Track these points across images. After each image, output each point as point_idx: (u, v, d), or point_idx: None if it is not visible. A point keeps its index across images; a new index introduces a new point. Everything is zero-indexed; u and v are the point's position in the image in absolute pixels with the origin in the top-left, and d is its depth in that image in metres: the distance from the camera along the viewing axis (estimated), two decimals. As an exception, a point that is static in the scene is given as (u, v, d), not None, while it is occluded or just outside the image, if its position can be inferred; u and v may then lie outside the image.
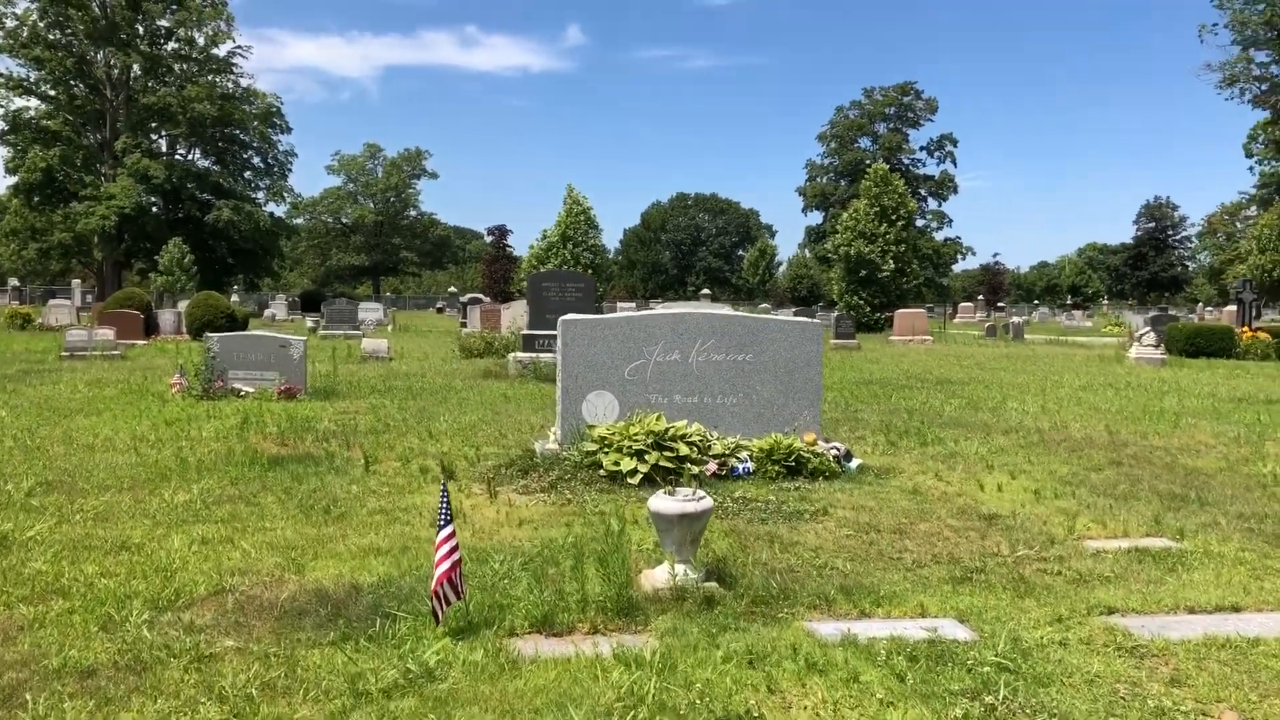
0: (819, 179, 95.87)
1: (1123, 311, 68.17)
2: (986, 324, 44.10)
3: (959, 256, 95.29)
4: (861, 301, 47.33)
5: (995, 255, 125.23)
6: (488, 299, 47.00)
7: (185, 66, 64.75)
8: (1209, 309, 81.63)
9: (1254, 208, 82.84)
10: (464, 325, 37.78)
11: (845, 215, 50.47)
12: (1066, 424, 11.43)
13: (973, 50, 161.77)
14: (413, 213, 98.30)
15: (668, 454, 7.65)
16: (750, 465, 7.87)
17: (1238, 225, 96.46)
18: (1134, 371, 20.36)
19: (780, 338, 8.49)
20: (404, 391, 14.37)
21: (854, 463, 8.28)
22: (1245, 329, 26.61)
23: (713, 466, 7.74)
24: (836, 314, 38.55)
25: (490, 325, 29.09)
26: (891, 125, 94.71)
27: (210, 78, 64.25)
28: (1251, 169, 75.92)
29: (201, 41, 64.81)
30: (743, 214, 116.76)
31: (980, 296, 79.62)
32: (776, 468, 7.85)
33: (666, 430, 7.82)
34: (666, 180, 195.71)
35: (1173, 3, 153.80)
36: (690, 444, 7.80)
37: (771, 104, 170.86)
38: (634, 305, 55.65)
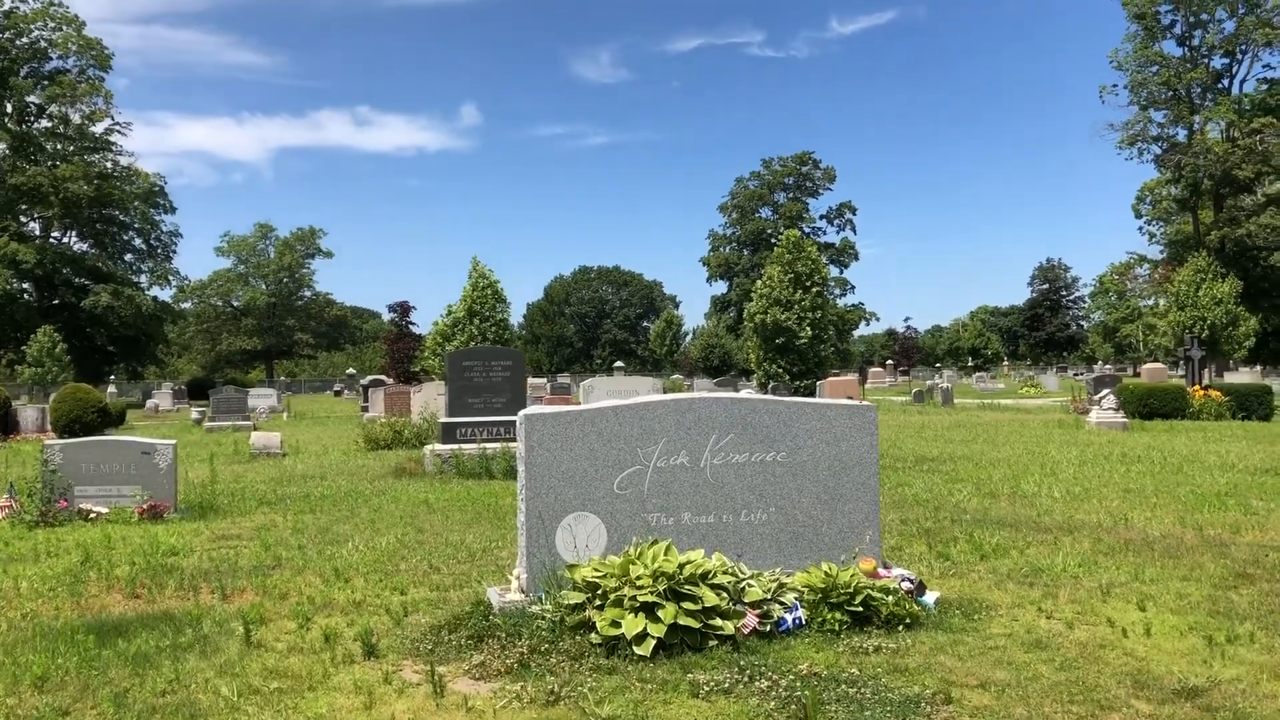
0: (722, 249, 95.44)
1: (1040, 373, 68.27)
2: (914, 389, 42.80)
3: (863, 322, 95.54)
4: (781, 370, 45.80)
5: (907, 320, 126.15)
6: (391, 380, 44.06)
7: (59, 145, 60.90)
8: (1108, 366, 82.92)
9: (1144, 266, 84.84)
10: (365, 410, 34.86)
11: (759, 283, 49.15)
12: (1126, 516, 9.42)
13: (861, 118, 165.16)
14: (307, 293, 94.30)
15: (688, 605, 5.32)
16: (801, 614, 5.58)
17: (1128, 285, 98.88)
18: (1110, 439, 18.72)
19: (821, 428, 6.27)
20: (300, 501, 11.76)
21: (931, 597, 6.06)
22: (1197, 388, 25.44)
23: (752, 620, 5.43)
24: (773, 385, 36.80)
25: (397, 410, 26.39)
26: (791, 195, 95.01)
27: (86, 156, 60.45)
28: (1140, 229, 77.88)
29: (77, 119, 61.12)
30: (646, 285, 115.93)
31: (890, 361, 79.16)
32: (837, 616, 5.58)
33: (682, 568, 5.50)
34: (568, 253, 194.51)
35: (1061, 68, 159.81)
36: (718, 589, 5.49)
37: (668, 177, 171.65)
38: (544, 382, 53.21)
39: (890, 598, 5.71)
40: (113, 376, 61.15)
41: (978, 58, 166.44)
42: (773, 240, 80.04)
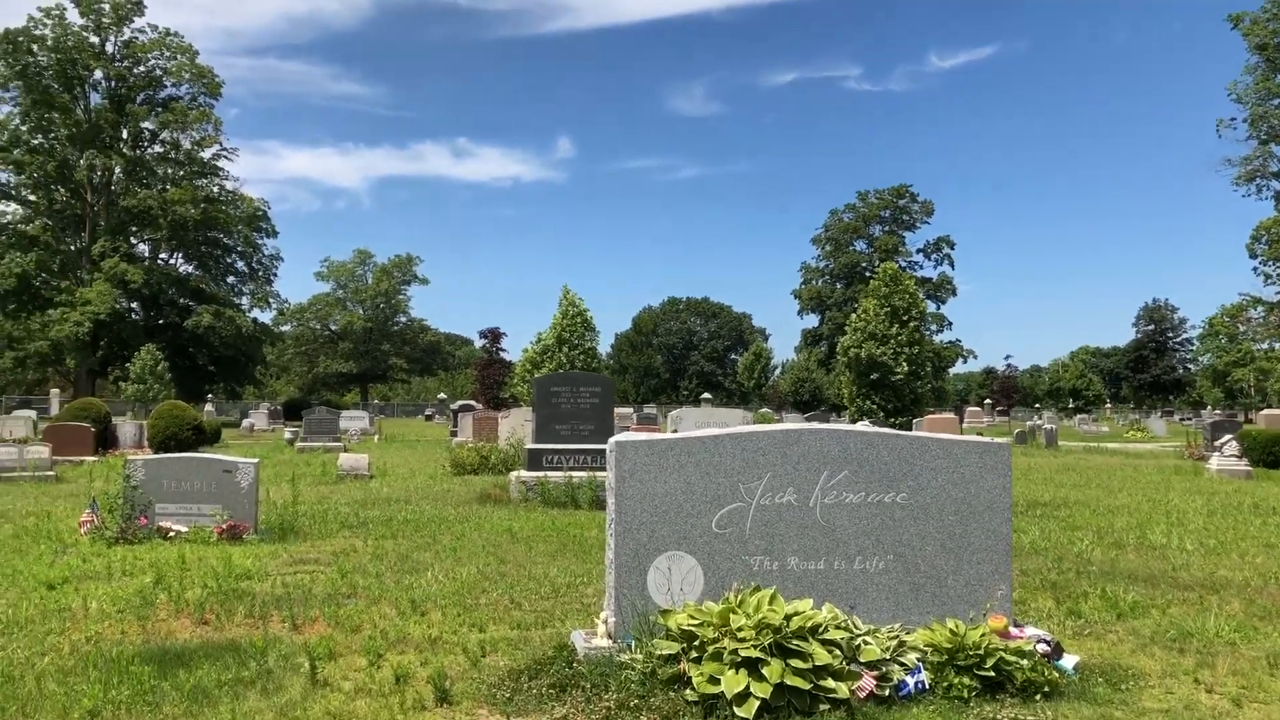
0: (814, 282, 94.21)
1: (1144, 416, 65.53)
2: (1015, 430, 41.30)
3: (960, 360, 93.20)
4: (875, 406, 44.57)
5: (1007, 358, 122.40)
6: (480, 405, 44.11)
7: (169, 169, 62.81)
8: (1217, 411, 79.28)
9: (1259, 309, 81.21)
10: (454, 434, 34.87)
11: (854, 316, 47.93)
12: (1276, 575, 8.52)
13: (960, 152, 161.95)
14: (403, 319, 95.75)
15: (795, 662, 4.72)
16: (924, 677, 4.93)
17: (1240, 327, 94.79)
18: (1236, 488, 17.49)
19: (948, 467, 5.62)
20: (382, 525, 11.40)
21: (1070, 662, 5.35)
22: (1328, 436, 23.82)
23: (869, 683, 4.80)
24: (871, 420, 35.75)
25: (485, 435, 26.19)
26: (887, 228, 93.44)
27: (194, 181, 62.23)
28: (1255, 269, 74.24)
29: (187, 145, 63.05)
30: (735, 317, 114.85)
31: (987, 400, 76.98)
32: (965, 680, 4.92)
33: (789, 619, 4.91)
34: (657, 284, 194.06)
35: (1172, 100, 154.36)
36: (830, 645, 4.88)
37: (760, 209, 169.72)
38: (631, 411, 52.80)
39: (1025, 661, 5.03)
40: (211, 395, 62.45)
41: (1081, 91, 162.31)
42: (867, 274, 78.73)
